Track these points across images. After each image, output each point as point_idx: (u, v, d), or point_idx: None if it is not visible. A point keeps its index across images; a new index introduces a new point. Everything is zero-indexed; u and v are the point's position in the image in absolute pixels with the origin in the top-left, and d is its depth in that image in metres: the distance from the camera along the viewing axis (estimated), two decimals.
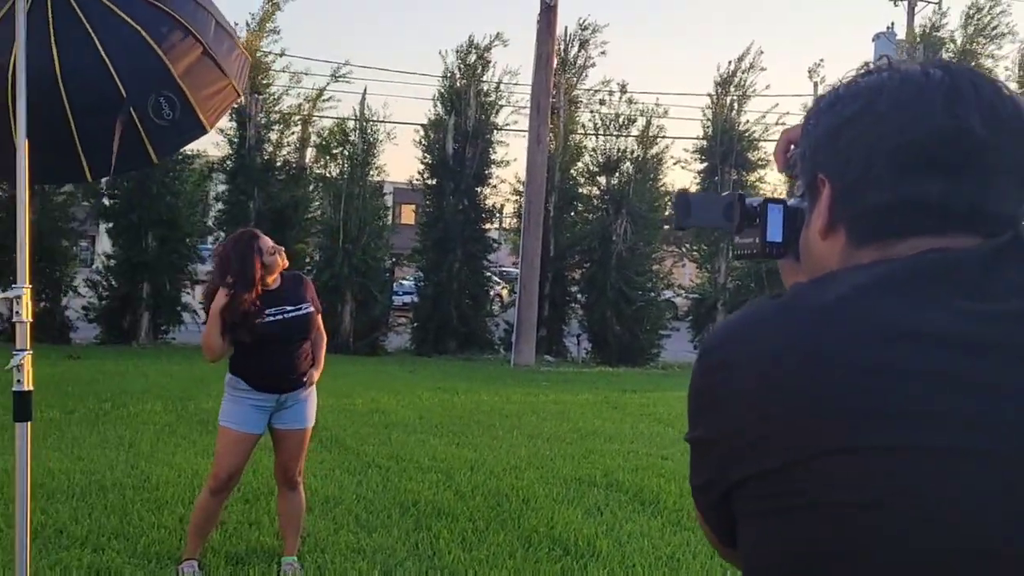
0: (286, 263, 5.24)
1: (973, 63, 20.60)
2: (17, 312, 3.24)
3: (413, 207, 30.82)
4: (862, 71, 1.16)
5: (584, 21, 21.89)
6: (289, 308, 5.14)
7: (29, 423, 3.38)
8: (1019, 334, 0.98)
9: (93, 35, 3.48)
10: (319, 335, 5.42)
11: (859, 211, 1.10)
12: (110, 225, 19.24)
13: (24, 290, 3.20)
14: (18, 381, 3.35)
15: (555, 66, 20.29)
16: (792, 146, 1.37)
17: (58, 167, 3.68)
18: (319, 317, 5.40)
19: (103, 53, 3.47)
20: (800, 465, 0.98)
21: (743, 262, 17.93)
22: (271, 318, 5.11)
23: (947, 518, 0.93)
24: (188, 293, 19.36)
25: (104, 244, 21.78)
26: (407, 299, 23.70)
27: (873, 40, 26.32)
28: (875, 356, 0.98)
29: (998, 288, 1.01)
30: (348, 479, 7.57)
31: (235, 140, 19.93)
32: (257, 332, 5.05)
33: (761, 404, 1.02)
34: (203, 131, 3.82)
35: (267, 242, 5.18)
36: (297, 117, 20.33)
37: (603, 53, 22.19)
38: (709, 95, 22.12)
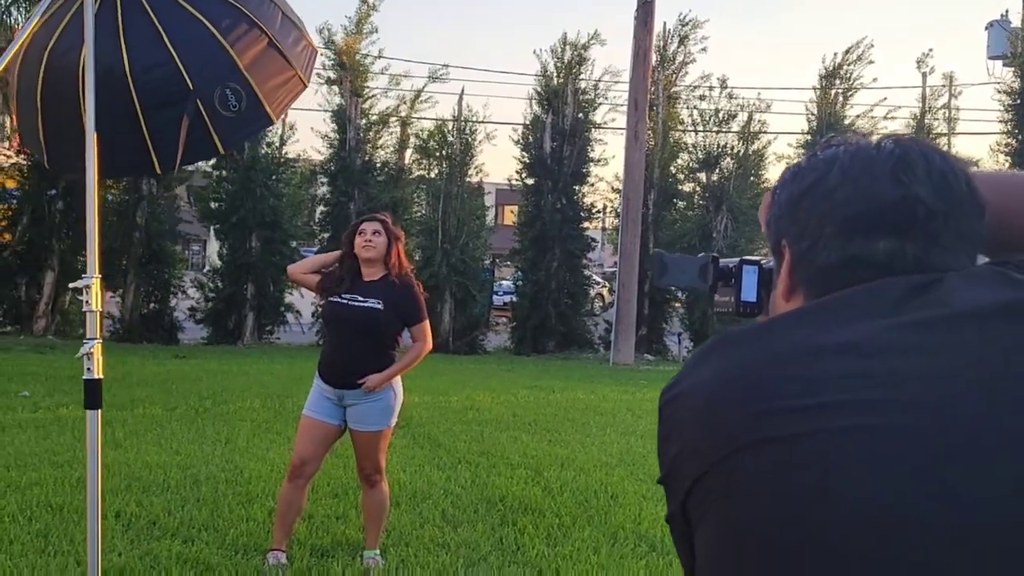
0: (365, 252, 5.22)
1: None
2: (87, 302, 3.31)
3: (515, 208, 30.92)
4: (823, 144, 1.23)
5: (685, 17, 21.61)
6: (359, 298, 5.16)
7: (100, 411, 3.45)
8: (925, 335, 1.05)
9: (161, 30, 3.54)
10: (417, 344, 5.39)
11: (812, 272, 1.17)
12: (216, 227, 19.72)
13: (93, 280, 3.27)
14: (88, 369, 3.41)
15: (653, 62, 20.12)
16: None
17: (128, 160, 3.75)
18: (421, 326, 5.35)
19: (171, 48, 3.52)
20: (722, 463, 1.05)
21: None
22: (335, 299, 5.19)
23: (847, 486, 0.99)
24: (291, 293, 19.65)
25: (214, 247, 22.34)
26: (508, 299, 23.76)
27: (986, 28, 25.43)
28: (788, 367, 1.07)
29: (912, 307, 1.08)
30: (437, 475, 7.59)
31: (335, 142, 20.23)
32: (324, 308, 5.25)
33: (698, 422, 1.10)
34: (269, 122, 3.86)
35: (370, 227, 5.24)
36: (395, 119, 20.53)
37: (703, 50, 21.96)
38: (814, 88, 21.72)
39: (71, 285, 3.39)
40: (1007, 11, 25.23)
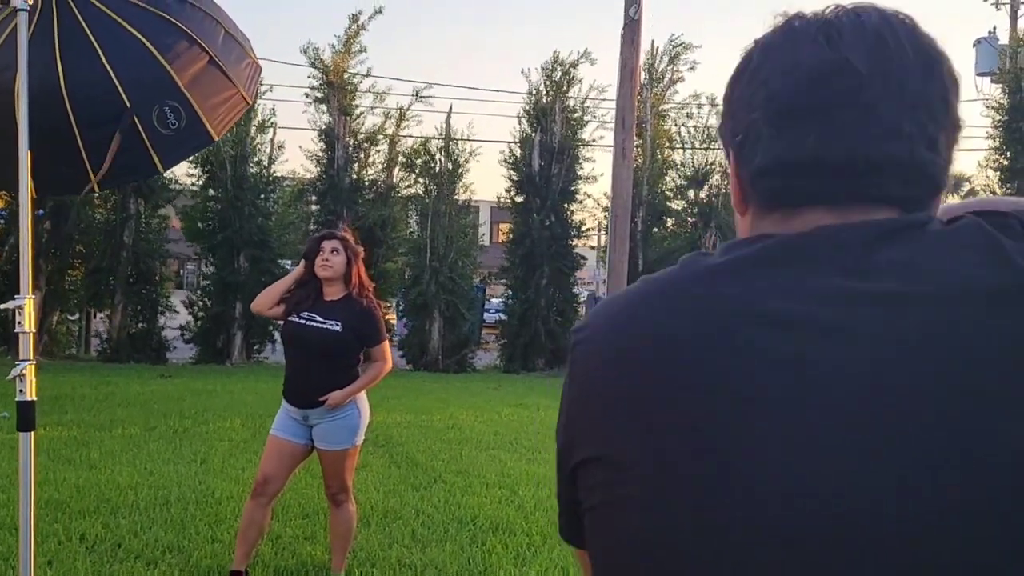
0: (322, 271, 5.19)
1: None
2: (19, 323, 3.27)
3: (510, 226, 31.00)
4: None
5: (676, 38, 21.72)
6: (318, 319, 5.13)
7: (32, 433, 3.40)
8: (857, 314, 0.89)
9: (97, 47, 3.52)
10: (377, 364, 5.37)
11: (752, 175, 1.01)
12: (203, 246, 19.71)
13: (26, 300, 3.23)
14: (20, 391, 3.36)
15: (642, 80, 20.15)
16: None
17: (65, 178, 3.72)
18: (380, 347, 5.34)
19: (107, 65, 3.50)
20: (631, 446, 0.93)
21: None
22: (293, 319, 5.15)
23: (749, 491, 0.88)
24: None
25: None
26: (500, 317, 23.74)
27: (974, 45, 25.53)
28: (720, 337, 0.91)
29: (876, 266, 0.91)
30: (411, 494, 7.53)
31: (324, 161, 20.24)
32: (282, 328, 5.26)
33: (606, 382, 0.97)
34: (210, 140, 3.83)
35: (329, 245, 5.21)
36: (382, 136, 20.54)
37: (692, 68, 22.00)
38: None
39: (1, 307, 3.34)
40: (995, 28, 25.32)
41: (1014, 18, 25.91)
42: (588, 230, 22.86)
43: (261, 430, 10.28)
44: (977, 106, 21.25)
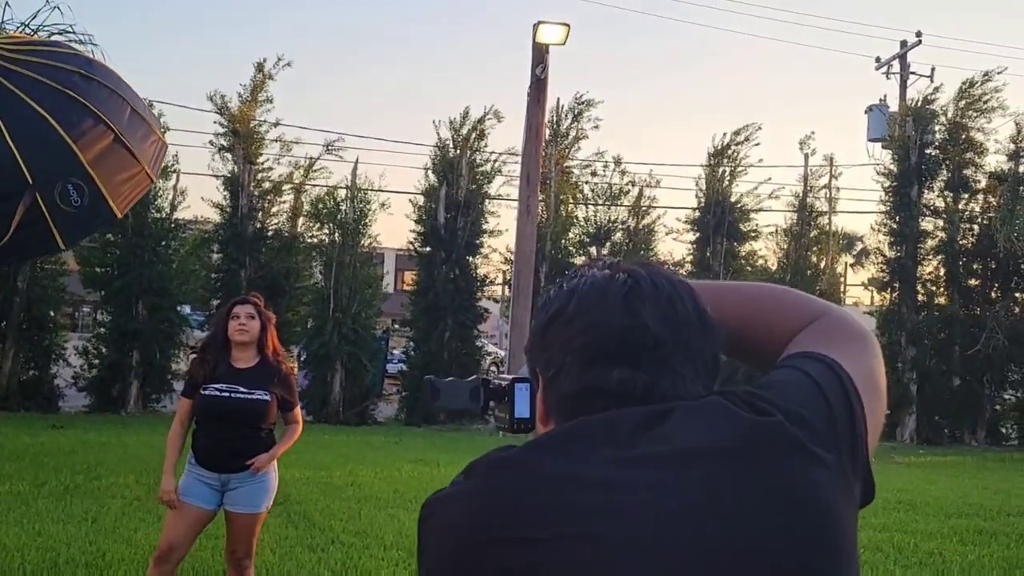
0: (239, 336, 5.19)
1: (963, 135, 20.73)
2: None
3: (414, 275, 31.00)
4: (572, 273, 1.33)
5: (581, 96, 22.06)
6: (241, 390, 5.12)
7: None
8: (653, 471, 1.13)
9: (1, 124, 3.51)
10: (294, 426, 5.39)
11: (557, 399, 1.26)
12: (101, 293, 19.31)
13: None
14: None
15: (547, 137, 20.45)
16: None
17: None
18: (295, 411, 5.38)
19: (10, 141, 3.49)
20: None
21: None
22: (215, 393, 5.11)
23: None
24: (178, 361, 19.32)
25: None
26: (402, 367, 23.64)
27: (866, 112, 26.45)
28: (528, 496, 1.13)
29: (642, 439, 1.15)
30: (308, 557, 7.47)
31: (227, 209, 20.06)
32: (198, 402, 5.12)
33: (441, 550, 1.17)
34: (114, 218, 3.84)
35: (243, 310, 5.21)
36: (289, 186, 20.48)
37: (596, 127, 22.37)
38: (703, 166, 22.28)
39: None
40: (885, 96, 26.30)
41: (903, 87, 26.94)
42: (492, 283, 22.99)
43: (156, 487, 9.96)
44: (868, 171, 21.96)
